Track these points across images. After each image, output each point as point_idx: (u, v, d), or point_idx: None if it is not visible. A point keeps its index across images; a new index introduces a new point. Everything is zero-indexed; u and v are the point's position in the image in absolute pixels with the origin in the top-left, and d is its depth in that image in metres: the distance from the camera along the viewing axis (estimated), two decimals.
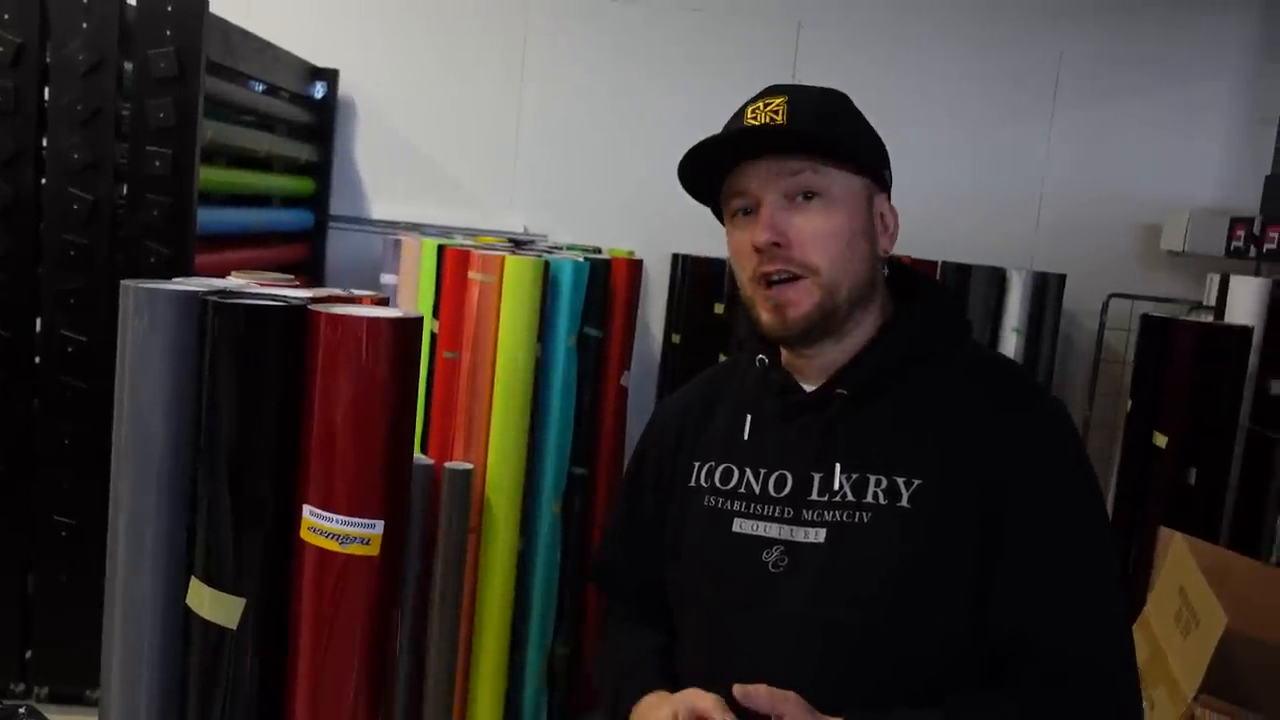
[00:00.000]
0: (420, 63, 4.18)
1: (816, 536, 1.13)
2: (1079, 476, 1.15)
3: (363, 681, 1.12)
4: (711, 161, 1.17)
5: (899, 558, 1.10)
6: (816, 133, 1.14)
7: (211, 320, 1.10)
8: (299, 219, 3.99)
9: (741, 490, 1.19)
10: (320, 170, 4.11)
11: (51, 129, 2.65)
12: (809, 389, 1.20)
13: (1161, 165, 4.23)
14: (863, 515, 1.12)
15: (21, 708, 1.86)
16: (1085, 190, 4.23)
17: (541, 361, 2.52)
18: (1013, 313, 3.79)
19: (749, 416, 1.22)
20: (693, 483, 1.24)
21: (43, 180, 2.68)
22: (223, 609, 1.10)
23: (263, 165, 3.62)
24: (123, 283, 1.16)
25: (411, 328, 1.11)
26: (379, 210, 4.21)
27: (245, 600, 1.10)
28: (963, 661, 1.11)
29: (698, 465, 1.25)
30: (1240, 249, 3.72)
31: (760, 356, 1.24)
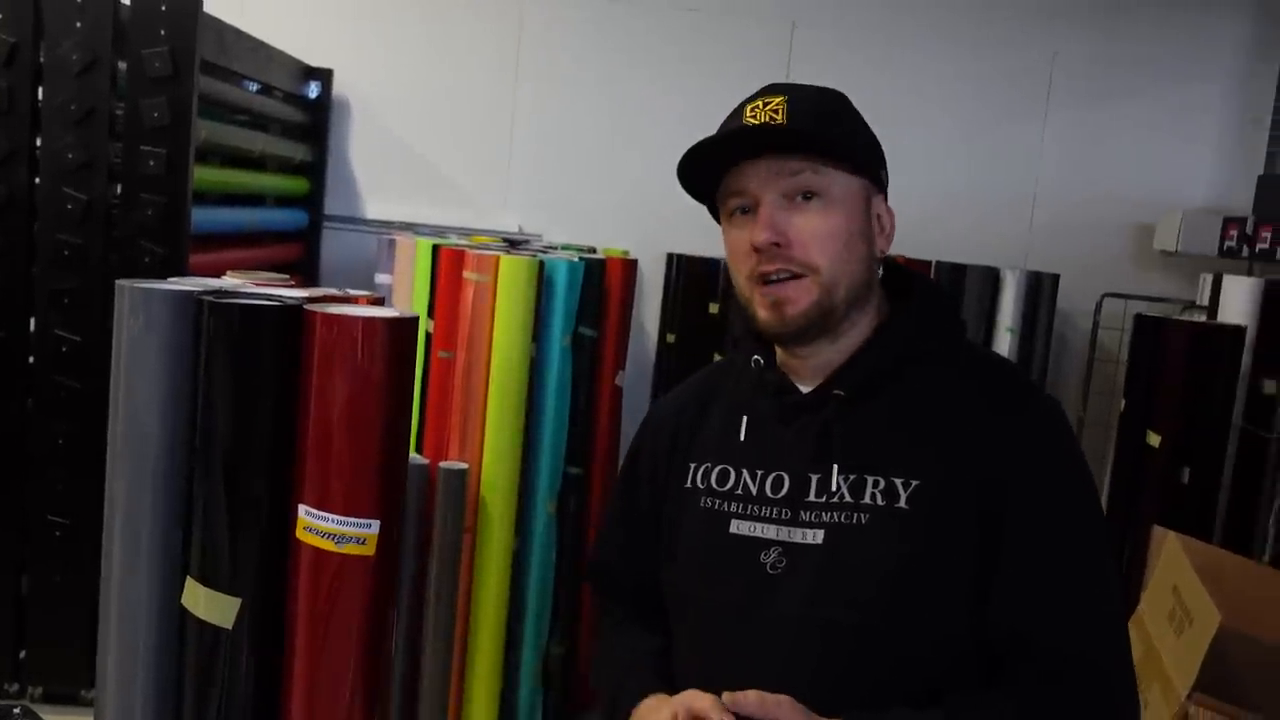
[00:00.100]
0: (415, 62, 4.18)
1: (814, 538, 1.13)
2: (1075, 476, 1.15)
3: (358, 681, 1.12)
4: (709, 160, 1.17)
5: (897, 559, 1.10)
6: (817, 133, 1.14)
7: (207, 320, 1.10)
8: (293, 219, 3.98)
9: (739, 492, 1.19)
10: (315, 170, 4.10)
11: (45, 128, 2.65)
12: (805, 390, 1.20)
13: (1155, 165, 4.24)
14: (861, 516, 1.12)
15: (16, 708, 1.85)
16: (1079, 190, 4.24)
17: (536, 361, 2.52)
18: (1007, 312, 3.79)
19: (745, 418, 1.22)
20: (689, 484, 1.24)
21: (36, 180, 2.67)
22: (218, 609, 1.10)
23: (257, 165, 3.61)
24: (118, 282, 1.16)
25: (407, 327, 1.11)
26: (374, 210, 4.20)
27: (241, 600, 1.10)
28: (961, 662, 1.11)
29: (694, 466, 1.25)
30: (1233, 249, 3.73)
31: (756, 357, 1.24)
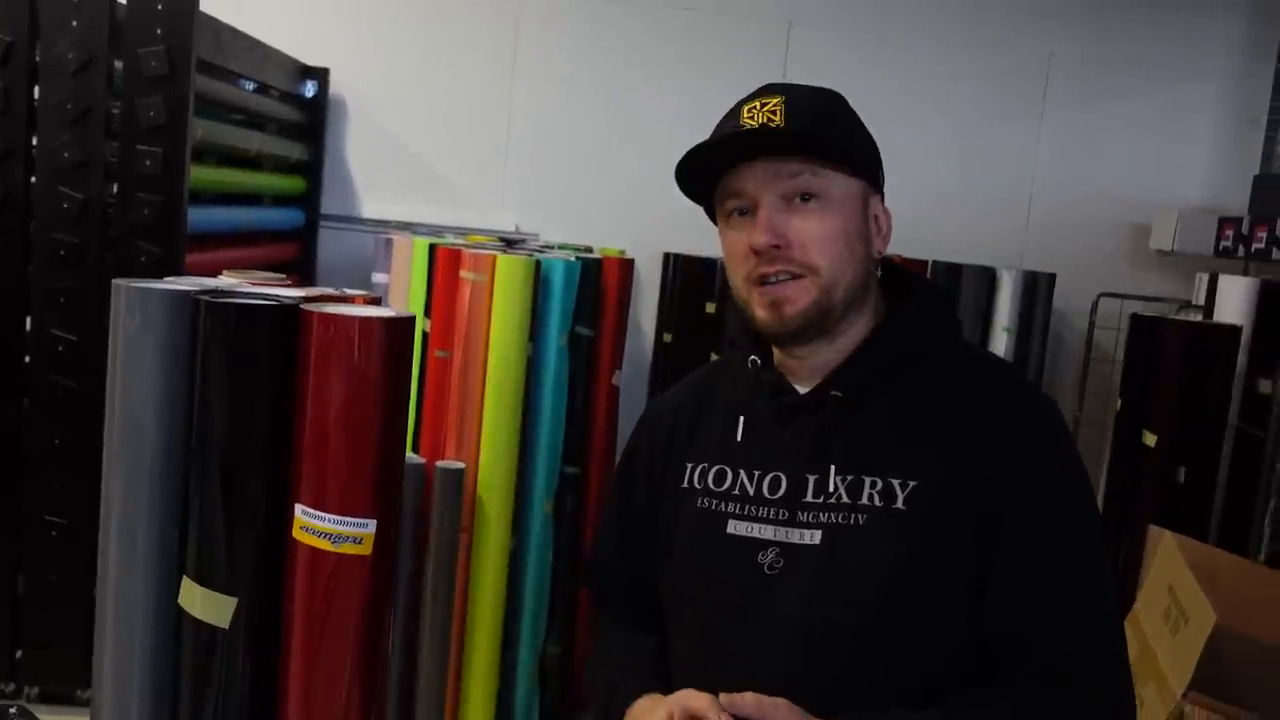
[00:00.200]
0: (411, 61, 4.17)
1: (812, 538, 1.13)
2: (1072, 476, 1.15)
3: (355, 681, 1.12)
4: (707, 161, 1.17)
5: (895, 560, 1.10)
6: (816, 135, 1.14)
7: (203, 320, 1.10)
8: (290, 218, 3.98)
9: (735, 492, 1.19)
10: (311, 169, 4.10)
11: (41, 127, 2.64)
12: (802, 390, 1.20)
13: (1150, 165, 4.25)
14: (858, 517, 1.12)
15: (12, 708, 1.85)
16: (1075, 190, 4.25)
17: (533, 360, 2.52)
18: (1003, 312, 3.80)
19: (742, 418, 1.22)
20: (685, 484, 1.24)
21: (32, 179, 2.67)
22: (215, 608, 1.10)
23: (253, 164, 3.61)
24: (114, 282, 1.15)
25: (403, 327, 1.11)
26: (370, 209, 4.20)
27: (237, 600, 1.10)
28: (959, 662, 1.11)
29: (690, 466, 1.24)
30: (1229, 248, 3.74)
31: (753, 358, 1.24)
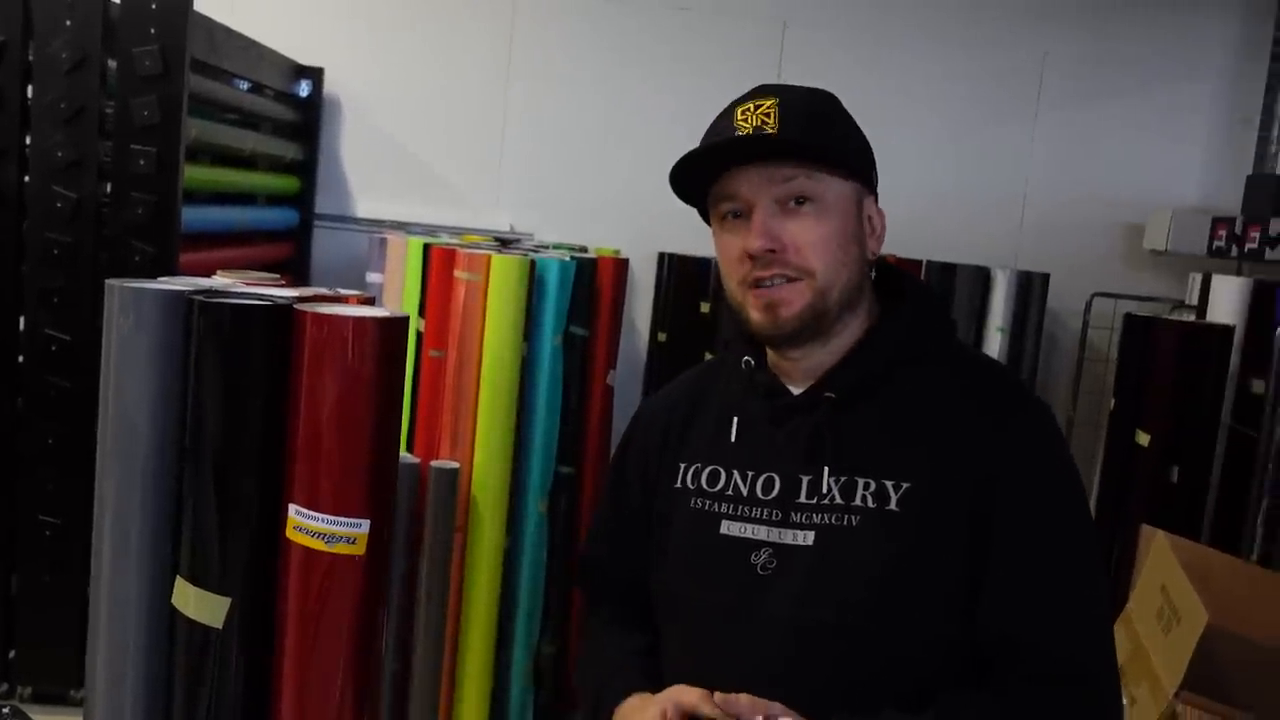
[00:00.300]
0: (406, 61, 4.17)
1: (805, 539, 1.13)
2: (1064, 478, 1.16)
3: (349, 681, 1.12)
4: (700, 164, 1.17)
5: (888, 561, 1.10)
6: (810, 140, 1.14)
7: (197, 319, 1.10)
8: (284, 218, 3.97)
9: (729, 492, 1.19)
10: (305, 169, 4.10)
11: (35, 127, 2.64)
12: (796, 392, 1.20)
13: (1144, 165, 4.26)
14: (851, 518, 1.12)
15: (5, 708, 1.85)
16: (1069, 190, 4.26)
17: (527, 360, 2.52)
18: (997, 312, 3.81)
19: (736, 419, 1.22)
20: (679, 484, 1.24)
21: (26, 178, 2.66)
22: (208, 608, 1.10)
23: (247, 164, 3.60)
24: (108, 282, 1.15)
25: (397, 327, 1.11)
26: (364, 209, 4.20)
27: (230, 599, 1.10)
28: (951, 663, 1.11)
29: (684, 466, 1.25)
30: (1222, 248, 3.75)
31: (746, 358, 1.24)
